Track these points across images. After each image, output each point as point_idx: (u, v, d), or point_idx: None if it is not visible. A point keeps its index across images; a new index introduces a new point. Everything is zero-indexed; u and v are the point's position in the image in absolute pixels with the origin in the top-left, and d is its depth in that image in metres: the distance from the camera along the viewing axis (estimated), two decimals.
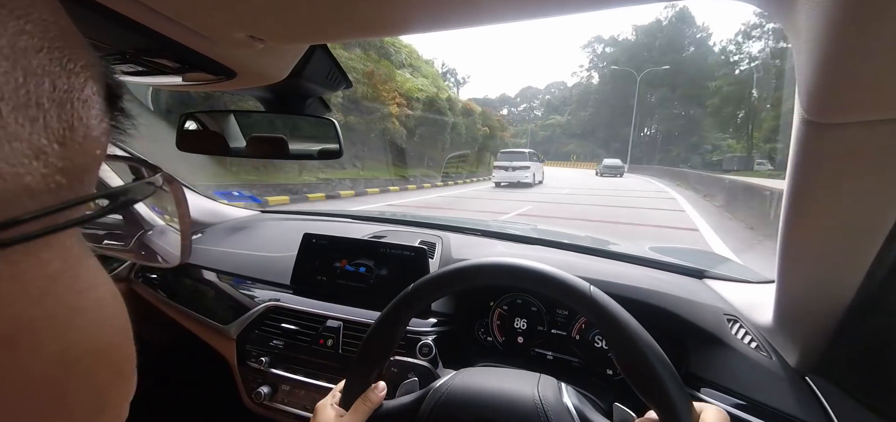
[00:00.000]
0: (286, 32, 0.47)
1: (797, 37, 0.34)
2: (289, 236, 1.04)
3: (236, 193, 5.96)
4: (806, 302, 0.52)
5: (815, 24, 0.30)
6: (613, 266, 0.86)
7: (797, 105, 0.37)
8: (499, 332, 0.82)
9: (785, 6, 0.34)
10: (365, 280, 0.87)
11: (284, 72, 0.62)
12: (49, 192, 0.12)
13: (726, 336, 0.64)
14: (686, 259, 0.93)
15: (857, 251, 0.44)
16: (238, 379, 0.89)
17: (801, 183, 0.42)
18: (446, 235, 1.02)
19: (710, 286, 0.80)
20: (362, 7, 0.40)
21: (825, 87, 0.32)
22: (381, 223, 1.20)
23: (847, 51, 0.29)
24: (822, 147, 0.37)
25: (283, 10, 0.41)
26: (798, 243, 0.47)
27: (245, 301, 0.91)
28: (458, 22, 0.42)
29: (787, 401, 0.54)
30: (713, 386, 0.60)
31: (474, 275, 0.48)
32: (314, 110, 0.74)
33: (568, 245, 1.01)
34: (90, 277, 0.15)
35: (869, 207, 0.40)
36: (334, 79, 0.68)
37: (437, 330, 0.78)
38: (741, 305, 0.71)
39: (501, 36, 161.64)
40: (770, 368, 0.59)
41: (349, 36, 0.48)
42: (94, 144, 0.14)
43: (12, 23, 0.11)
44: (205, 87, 0.67)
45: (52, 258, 0.13)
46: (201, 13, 0.43)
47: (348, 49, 12.10)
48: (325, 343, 0.81)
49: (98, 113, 0.14)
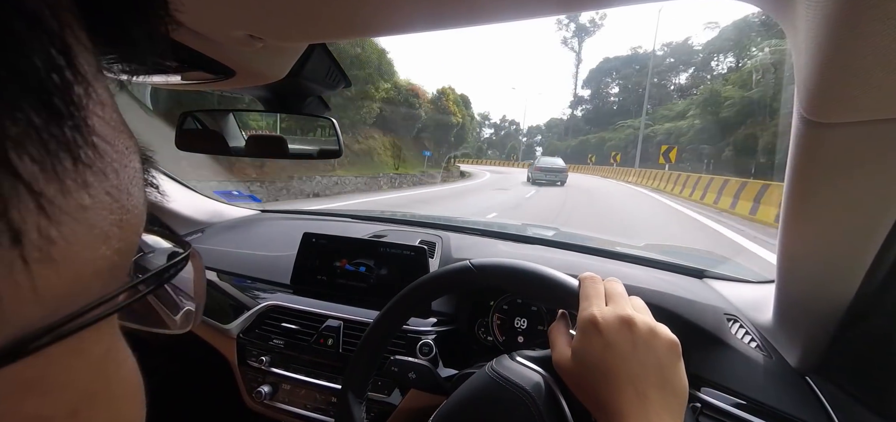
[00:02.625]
0: (285, 31, 0.47)
1: (796, 36, 0.34)
2: (289, 236, 1.04)
3: (236, 192, 5.96)
4: (806, 302, 0.52)
5: (815, 23, 0.30)
6: (613, 266, 0.86)
7: (796, 105, 0.37)
8: (499, 331, 0.82)
9: (784, 6, 0.34)
10: (365, 280, 0.87)
11: (283, 71, 0.61)
12: (110, 273, 0.13)
13: (726, 336, 0.64)
14: (686, 259, 0.93)
15: (857, 251, 0.44)
16: (239, 379, 0.89)
17: (800, 183, 0.42)
18: (446, 235, 1.02)
19: (711, 286, 0.80)
20: (361, 6, 0.40)
21: (824, 87, 0.32)
22: (381, 223, 1.20)
23: (846, 50, 0.29)
24: (822, 147, 0.37)
25: (282, 9, 0.41)
26: (798, 243, 0.47)
27: (245, 301, 0.91)
28: (458, 21, 0.42)
29: (787, 401, 0.54)
30: (713, 386, 0.59)
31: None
32: (313, 109, 0.74)
33: (568, 245, 1.01)
34: (125, 351, 0.16)
35: (869, 207, 0.40)
36: (333, 77, 0.68)
37: (438, 330, 0.78)
38: (741, 305, 0.71)
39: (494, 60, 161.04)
40: (770, 367, 0.59)
41: (348, 35, 0.48)
42: (141, 220, 0.15)
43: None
44: (204, 86, 0.66)
45: (106, 336, 0.14)
46: (200, 12, 0.43)
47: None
48: (325, 343, 0.81)
49: (141, 188, 0.15)
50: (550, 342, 0.44)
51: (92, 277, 0.12)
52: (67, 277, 0.11)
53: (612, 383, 0.36)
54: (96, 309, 0.13)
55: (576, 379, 0.40)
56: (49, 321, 0.11)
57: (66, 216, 0.11)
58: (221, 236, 1.16)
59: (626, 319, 0.38)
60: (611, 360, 0.37)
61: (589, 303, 0.40)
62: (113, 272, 0.13)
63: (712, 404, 0.57)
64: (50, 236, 0.11)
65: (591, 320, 0.39)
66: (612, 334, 0.37)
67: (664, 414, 0.35)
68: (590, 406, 0.39)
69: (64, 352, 0.12)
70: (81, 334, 0.12)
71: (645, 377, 0.36)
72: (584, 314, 0.40)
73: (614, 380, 0.36)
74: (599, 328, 0.38)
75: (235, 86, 0.66)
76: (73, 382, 0.13)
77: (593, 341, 0.38)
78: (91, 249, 0.12)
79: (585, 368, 0.38)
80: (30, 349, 0.11)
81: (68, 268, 0.11)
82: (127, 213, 0.13)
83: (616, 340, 0.37)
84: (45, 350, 0.11)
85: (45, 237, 0.11)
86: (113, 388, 0.15)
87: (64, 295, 0.12)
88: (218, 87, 0.67)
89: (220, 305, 0.95)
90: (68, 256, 0.11)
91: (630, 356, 0.37)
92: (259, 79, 0.63)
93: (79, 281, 0.12)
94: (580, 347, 0.39)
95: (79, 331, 0.12)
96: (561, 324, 0.45)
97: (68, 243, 0.11)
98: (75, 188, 0.11)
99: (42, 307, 0.11)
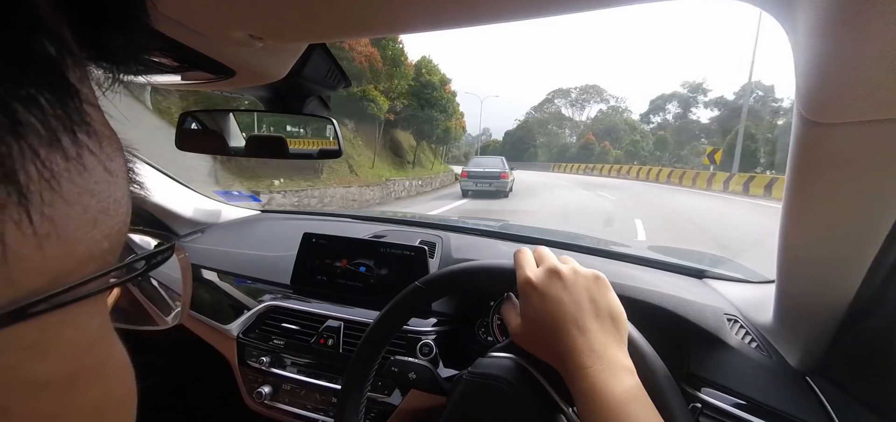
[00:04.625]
0: (285, 31, 0.47)
1: (796, 36, 0.34)
2: (289, 236, 1.04)
3: (236, 192, 5.96)
4: (806, 302, 0.52)
5: (814, 23, 0.30)
6: (614, 266, 0.86)
7: (796, 105, 0.37)
8: (499, 331, 0.82)
9: (784, 5, 0.34)
10: (365, 280, 0.87)
11: (283, 71, 0.61)
12: (101, 258, 0.15)
13: (726, 336, 0.64)
14: (686, 259, 0.93)
15: (857, 251, 0.44)
16: (239, 379, 0.89)
17: (800, 183, 0.42)
18: (446, 235, 1.02)
19: (711, 286, 0.80)
20: (361, 6, 0.40)
21: (824, 87, 0.32)
22: (381, 223, 1.20)
23: (846, 50, 0.29)
24: (822, 147, 0.37)
25: (282, 8, 0.41)
26: (798, 243, 0.47)
27: (245, 301, 0.91)
28: (458, 21, 0.42)
29: (787, 401, 0.54)
30: (713, 386, 0.59)
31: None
32: (313, 110, 0.74)
33: (568, 244, 1.02)
34: (115, 336, 0.17)
35: (869, 207, 0.39)
36: (333, 77, 0.68)
37: (438, 330, 0.78)
38: (741, 305, 0.71)
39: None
40: (770, 368, 0.59)
41: (348, 35, 0.48)
42: (127, 212, 0.16)
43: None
44: (204, 86, 0.66)
45: (98, 314, 0.16)
46: (200, 12, 0.43)
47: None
48: (325, 343, 0.81)
49: (126, 183, 0.16)
50: (506, 323, 0.47)
51: (86, 257, 0.14)
52: (64, 252, 0.13)
53: (558, 330, 0.40)
54: (90, 283, 0.14)
55: (532, 341, 0.44)
56: (50, 292, 0.12)
57: (66, 189, 0.12)
58: (221, 236, 1.16)
59: (553, 269, 0.42)
60: (550, 309, 0.40)
61: (522, 270, 0.44)
62: (104, 258, 0.15)
63: (712, 404, 0.57)
64: (53, 204, 0.12)
65: (526, 281, 0.43)
66: (545, 287, 0.41)
67: (605, 338, 0.39)
68: (552, 361, 0.42)
69: (61, 321, 0.13)
70: (77, 306, 0.14)
71: (581, 313, 0.40)
72: (520, 280, 0.43)
73: (559, 326, 0.40)
74: (534, 286, 0.42)
75: (235, 86, 0.66)
76: (71, 351, 0.14)
77: (533, 299, 0.42)
78: (83, 230, 0.13)
79: (534, 326, 0.42)
80: (33, 312, 0.12)
81: (64, 244, 0.13)
82: (115, 203, 0.15)
83: (549, 290, 0.41)
84: (44, 316, 0.12)
85: (48, 204, 0.12)
86: (106, 365, 0.16)
87: (61, 270, 0.13)
88: (218, 88, 0.67)
89: (220, 305, 0.95)
90: (66, 231, 0.13)
91: (564, 300, 0.40)
92: (259, 79, 0.63)
93: (73, 258, 0.13)
94: (525, 309, 0.43)
95: (75, 302, 0.13)
96: (508, 303, 0.49)
97: (65, 219, 0.12)
98: (74, 166, 0.13)
99: (43, 277, 0.12)
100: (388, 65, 12.02)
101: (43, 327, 0.13)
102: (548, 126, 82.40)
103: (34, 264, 0.12)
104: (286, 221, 1.28)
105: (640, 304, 0.67)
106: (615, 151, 64.99)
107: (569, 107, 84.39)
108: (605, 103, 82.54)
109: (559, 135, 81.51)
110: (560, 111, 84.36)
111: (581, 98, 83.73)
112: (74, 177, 0.13)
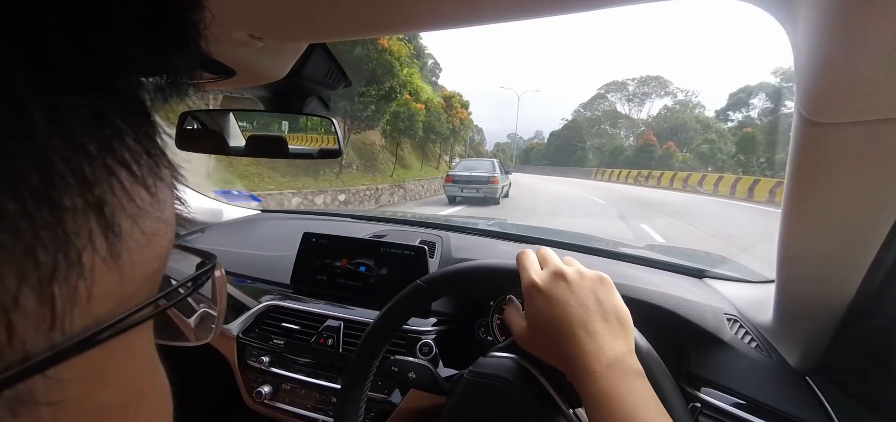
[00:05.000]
0: (285, 31, 0.47)
1: (796, 36, 0.34)
2: (289, 235, 1.04)
3: (236, 191, 5.96)
4: (806, 302, 0.52)
5: (815, 22, 0.30)
6: (614, 266, 0.86)
7: (796, 105, 0.37)
8: (499, 331, 0.82)
9: (784, 5, 0.34)
10: (365, 279, 0.87)
11: (284, 70, 0.61)
12: (152, 277, 0.14)
13: (726, 336, 0.64)
14: (686, 259, 0.93)
15: (857, 251, 0.44)
16: (239, 379, 0.89)
17: (800, 183, 0.42)
18: (446, 235, 1.02)
19: (711, 286, 0.80)
20: (361, 6, 0.40)
21: (824, 87, 0.32)
22: (381, 223, 1.19)
23: (846, 50, 0.29)
24: (822, 147, 0.37)
25: (282, 8, 0.41)
26: (798, 243, 0.47)
27: (245, 300, 0.91)
28: (458, 21, 0.42)
29: (787, 401, 0.54)
30: (713, 386, 0.59)
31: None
32: (314, 109, 0.74)
33: (569, 244, 1.01)
34: (157, 358, 0.17)
35: (869, 207, 0.39)
36: (333, 77, 0.68)
37: (438, 329, 0.78)
38: (741, 305, 0.71)
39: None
40: (770, 367, 0.59)
41: (348, 35, 0.48)
42: (173, 231, 0.16)
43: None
44: (204, 86, 0.66)
45: (147, 338, 0.16)
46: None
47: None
48: (325, 342, 0.81)
49: (172, 203, 0.16)
50: (509, 326, 0.46)
51: (142, 280, 0.14)
52: (127, 277, 0.13)
53: (564, 333, 0.39)
54: (145, 309, 0.14)
55: (537, 345, 0.43)
56: (116, 317, 0.12)
57: (143, 221, 0.13)
58: (221, 236, 1.16)
59: (558, 272, 0.41)
60: (557, 312, 0.39)
61: (527, 272, 0.43)
62: (153, 278, 0.15)
63: (712, 404, 0.57)
64: (131, 235, 0.12)
65: (531, 284, 0.42)
66: (550, 289, 0.40)
67: (614, 341, 0.38)
68: (557, 364, 0.41)
69: (121, 347, 0.13)
70: (135, 331, 0.14)
71: (588, 316, 0.39)
72: (524, 284, 0.42)
73: (565, 329, 0.39)
74: (540, 289, 0.41)
75: (235, 86, 0.66)
76: (126, 377, 0.14)
77: (538, 302, 0.41)
78: (141, 252, 0.13)
79: (540, 330, 0.41)
80: (100, 339, 0.12)
81: (133, 269, 0.13)
82: (165, 223, 0.15)
83: (555, 293, 0.40)
84: (109, 343, 0.12)
85: (128, 235, 0.12)
86: (155, 387, 0.16)
87: (123, 295, 0.13)
88: (218, 87, 0.67)
89: None
90: (136, 257, 0.13)
91: (571, 303, 0.39)
92: (259, 78, 0.63)
93: (133, 282, 0.13)
94: (530, 313, 0.42)
95: (134, 327, 0.13)
96: (512, 306, 0.48)
97: (132, 243, 0.13)
98: (154, 200, 0.13)
99: (109, 303, 0.12)
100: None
101: (107, 355, 0.12)
102: (600, 125, 71.17)
103: (106, 292, 0.12)
104: (286, 220, 1.28)
105: (640, 303, 0.67)
106: (682, 154, 51.72)
107: (625, 103, 72.43)
108: (670, 97, 69.29)
109: (613, 136, 69.91)
110: (614, 108, 73.32)
111: (640, 92, 71.29)
112: (151, 209, 0.13)
